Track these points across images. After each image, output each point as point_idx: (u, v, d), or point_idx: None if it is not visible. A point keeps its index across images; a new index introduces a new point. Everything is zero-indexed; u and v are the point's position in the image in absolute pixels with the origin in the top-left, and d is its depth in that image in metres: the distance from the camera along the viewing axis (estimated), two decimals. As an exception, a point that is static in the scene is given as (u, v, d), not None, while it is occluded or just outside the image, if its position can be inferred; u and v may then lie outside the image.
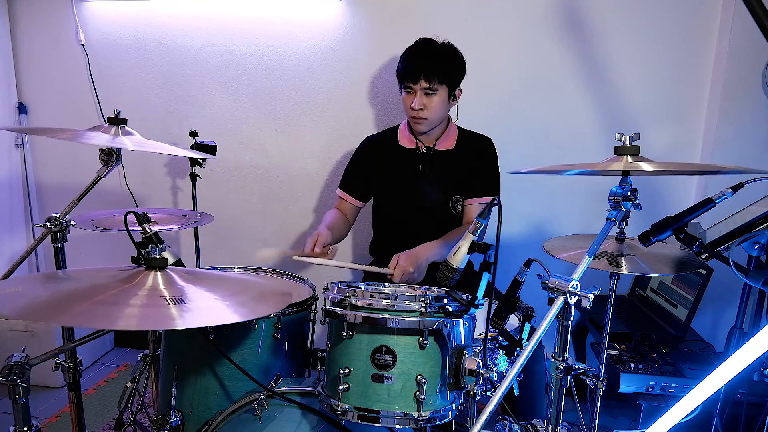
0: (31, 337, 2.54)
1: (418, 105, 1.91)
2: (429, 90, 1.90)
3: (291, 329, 1.56)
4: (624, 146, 1.21)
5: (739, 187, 1.19)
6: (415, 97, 1.91)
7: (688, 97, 2.38)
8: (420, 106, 1.91)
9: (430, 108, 1.93)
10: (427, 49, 1.94)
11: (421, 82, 1.89)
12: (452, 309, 1.13)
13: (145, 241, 1.18)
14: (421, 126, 1.98)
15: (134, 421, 1.77)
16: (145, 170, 2.83)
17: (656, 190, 2.43)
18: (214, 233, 2.77)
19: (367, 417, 1.10)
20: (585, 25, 2.38)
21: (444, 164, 2.07)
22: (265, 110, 2.69)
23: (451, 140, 2.08)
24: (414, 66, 1.90)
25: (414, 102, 1.91)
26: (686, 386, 1.84)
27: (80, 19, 2.71)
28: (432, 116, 1.95)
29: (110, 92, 2.78)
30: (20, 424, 1.03)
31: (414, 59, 1.92)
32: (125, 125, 1.53)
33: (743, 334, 1.78)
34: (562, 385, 1.10)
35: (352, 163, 2.21)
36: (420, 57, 1.92)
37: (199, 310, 0.99)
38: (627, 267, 1.42)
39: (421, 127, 1.99)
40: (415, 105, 1.91)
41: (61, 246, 1.50)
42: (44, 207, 2.99)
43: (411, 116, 1.97)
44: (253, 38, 2.62)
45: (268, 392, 1.30)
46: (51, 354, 1.09)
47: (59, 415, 2.37)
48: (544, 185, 2.54)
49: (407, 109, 1.96)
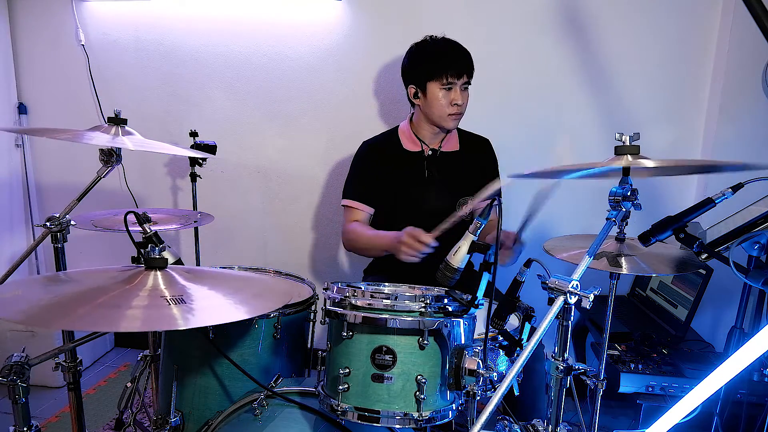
0: (31, 337, 2.53)
1: (462, 99, 1.90)
2: (467, 84, 1.91)
3: (291, 329, 1.56)
4: (624, 146, 1.21)
5: (739, 187, 1.19)
6: (457, 92, 1.89)
7: (688, 97, 2.38)
8: (463, 101, 1.90)
9: (465, 102, 1.92)
10: (454, 45, 1.92)
11: (464, 77, 1.88)
12: (452, 309, 1.13)
13: (145, 241, 1.17)
14: (457, 122, 1.96)
15: (134, 421, 1.77)
16: (145, 170, 2.83)
17: (656, 190, 2.43)
18: (214, 233, 2.77)
19: (367, 417, 1.10)
20: (585, 26, 2.38)
21: (451, 166, 2.04)
22: (266, 110, 2.69)
23: (455, 141, 2.07)
24: (456, 60, 1.88)
25: (457, 97, 1.88)
26: (686, 386, 1.83)
27: (80, 19, 2.71)
28: (464, 111, 1.95)
29: (110, 92, 2.77)
30: (20, 424, 1.03)
31: (453, 54, 1.89)
32: (125, 125, 1.53)
33: (743, 334, 1.78)
34: (562, 385, 1.10)
35: (356, 171, 2.10)
36: (456, 52, 1.90)
37: (201, 309, 0.99)
38: (627, 267, 1.42)
39: (456, 124, 1.97)
40: (459, 100, 1.89)
41: (61, 246, 1.50)
42: (44, 207, 2.99)
43: (450, 113, 1.91)
44: (253, 38, 2.61)
45: (268, 392, 1.30)
46: (51, 354, 1.09)
47: (59, 415, 2.37)
48: (544, 185, 2.53)
49: (445, 106, 1.90)
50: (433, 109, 1.92)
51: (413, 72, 1.94)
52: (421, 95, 1.94)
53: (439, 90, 1.88)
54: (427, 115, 1.97)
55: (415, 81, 1.93)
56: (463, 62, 1.89)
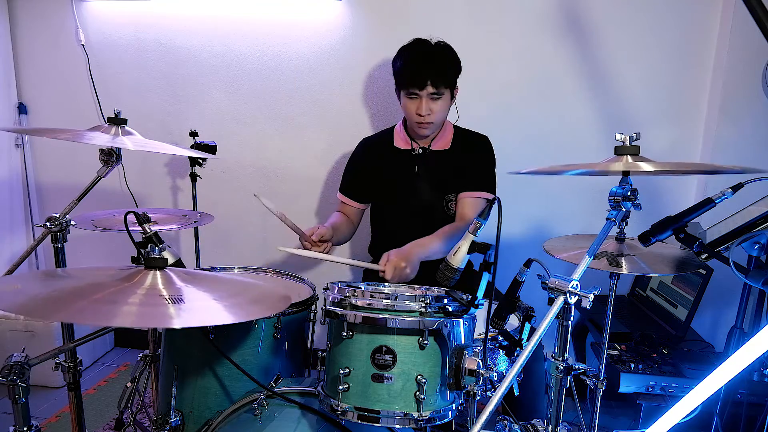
0: (31, 337, 2.54)
1: (426, 110, 1.88)
2: (435, 95, 1.87)
3: (291, 329, 1.56)
4: (624, 146, 1.21)
5: (739, 187, 1.19)
6: (421, 103, 1.88)
7: (688, 97, 2.38)
8: (427, 111, 1.88)
9: (435, 112, 1.90)
10: (427, 54, 1.90)
11: (427, 88, 1.85)
12: (452, 309, 1.13)
13: (145, 241, 1.18)
14: (427, 131, 1.96)
15: (134, 421, 1.77)
16: (145, 170, 2.83)
17: (656, 190, 2.43)
18: (214, 233, 2.77)
19: (367, 417, 1.10)
20: (585, 26, 2.38)
21: (439, 164, 2.05)
22: (266, 110, 2.69)
23: (447, 140, 2.07)
24: (419, 72, 1.85)
25: (421, 108, 1.88)
26: (686, 386, 1.83)
27: (80, 19, 2.71)
28: (437, 120, 1.93)
29: (110, 92, 2.77)
30: (20, 424, 1.03)
31: (418, 65, 1.87)
32: (125, 125, 1.53)
33: (743, 334, 1.78)
34: (562, 385, 1.10)
35: (349, 166, 2.20)
36: (424, 62, 1.87)
37: (197, 309, 0.99)
38: (627, 267, 1.42)
39: (426, 132, 1.97)
40: (422, 111, 1.88)
41: (61, 246, 1.50)
42: (44, 207, 2.99)
43: (416, 122, 1.93)
44: (253, 38, 2.61)
45: (268, 392, 1.30)
46: (51, 354, 1.09)
47: (59, 415, 2.37)
48: (544, 185, 2.54)
49: (412, 115, 1.92)
50: (406, 116, 1.99)
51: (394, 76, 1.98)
52: (399, 100, 1.99)
53: (406, 99, 1.92)
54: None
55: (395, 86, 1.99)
56: (428, 74, 1.84)
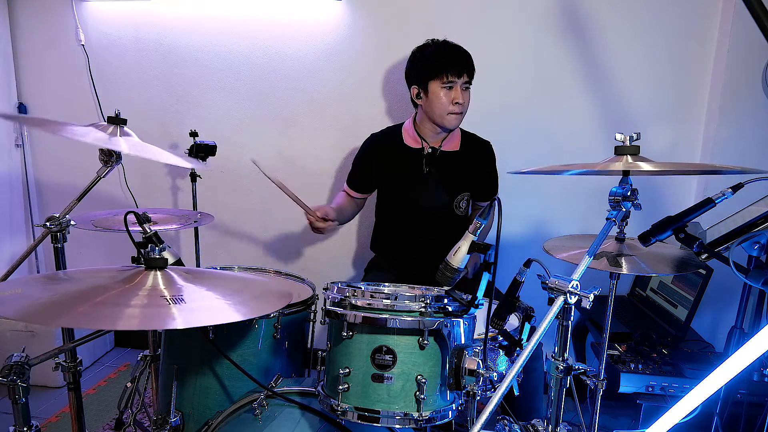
0: (31, 337, 2.53)
1: (463, 98, 1.93)
2: (467, 84, 1.94)
3: (291, 329, 1.56)
4: (624, 146, 1.21)
5: (739, 187, 1.19)
6: (458, 91, 1.92)
7: (688, 97, 2.38)
8: (464, 99, 1.93)
9: (466, 102, 1.96)
10: (453, 46, 1.96)
11: (464, 76, 1.92)
12: (452, 309, 1.13)
13: (145, 241, 1.17)
14: (458, 121, 1.99)
15: (134, 421, 1.77)
16: (145, 170, 2.83)
17: (656, 190, 2.43)
18: (214, 233, 2.77)
19: (367, 417, 1.10)
20: (585, 25, 2.38)
21: (449, 165, 2.07)
22: (266, 110, 2.68)
23: (456, 142, 2.09)
24: (455, 59, 1.92)
25: (458, 96, 1.92)
26: (686, 386, 1.84)
27: (80, 19, 2.71)
28: (466, 110, 1.98)
29: (110, 92, 2.77)
30: (20, 424, 1.03)
31: (453, 54, 1.93)
32: (125, 125, 1.53)
33: (743, 334, 1.78)
34: (562, 385, 1.10)
35: (357, 161, 2.22)
36: (456, 51, 1.94)
37: (200, 309, 0.99)
38: (627, 267, 1.42)
39: (456, 122, 1.99)
40: (460, 99, 1.92)
41: (61, 246, 1.50)
42: (44, 207, 2.99)
43: (451, 112, 1.95)
44: (253, 38, 2.61)
45: (268, 392, 1.30)
46: (51, 354, 1.09)
47: (59, 415, 2.37)
48: (544, 185, 2.54)
49: (445, 105, 1.93)
50: (434, 108, 1.96)
51: (416, 72, 1.98)
52: (423, 95, 1.98)
53: (440, 89, 1.92)
54: (428, 115, 2.00)
55: (417, 81, 1.98)
56: (463, 62, 1.93)
